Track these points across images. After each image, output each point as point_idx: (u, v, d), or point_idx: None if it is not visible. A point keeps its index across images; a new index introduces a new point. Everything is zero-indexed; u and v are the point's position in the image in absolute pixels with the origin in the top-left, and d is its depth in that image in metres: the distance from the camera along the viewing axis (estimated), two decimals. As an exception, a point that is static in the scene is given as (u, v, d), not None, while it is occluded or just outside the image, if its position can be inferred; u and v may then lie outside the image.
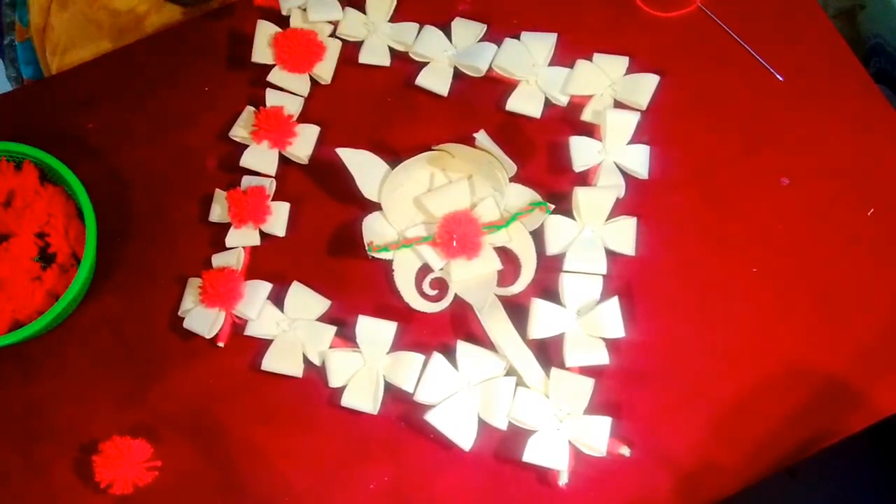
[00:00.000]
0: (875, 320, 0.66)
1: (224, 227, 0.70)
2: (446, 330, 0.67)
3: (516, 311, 0.67)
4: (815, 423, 0.64)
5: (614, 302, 0.65)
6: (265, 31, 0.74)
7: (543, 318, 0.65)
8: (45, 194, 0.69)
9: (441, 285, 0.68)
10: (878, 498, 0.96)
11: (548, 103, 0.73)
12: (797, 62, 0.73)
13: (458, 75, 0.74)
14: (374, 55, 0.74)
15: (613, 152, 0.70)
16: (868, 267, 0.68)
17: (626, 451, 0.63)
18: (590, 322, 0.65)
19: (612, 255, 0.67)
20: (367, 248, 0.67)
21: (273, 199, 0.70)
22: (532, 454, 0.62)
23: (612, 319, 0.64)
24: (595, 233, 0.68)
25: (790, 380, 0.65)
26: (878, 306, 0.67)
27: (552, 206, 0.68)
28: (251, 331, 0.67)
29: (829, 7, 0.98)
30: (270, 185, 0.71)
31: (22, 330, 0.63)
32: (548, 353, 0.66)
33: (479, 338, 0.67)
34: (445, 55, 0.74)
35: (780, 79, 0.73)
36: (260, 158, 0.71)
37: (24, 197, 0.69)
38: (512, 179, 0.69)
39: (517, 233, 0.69)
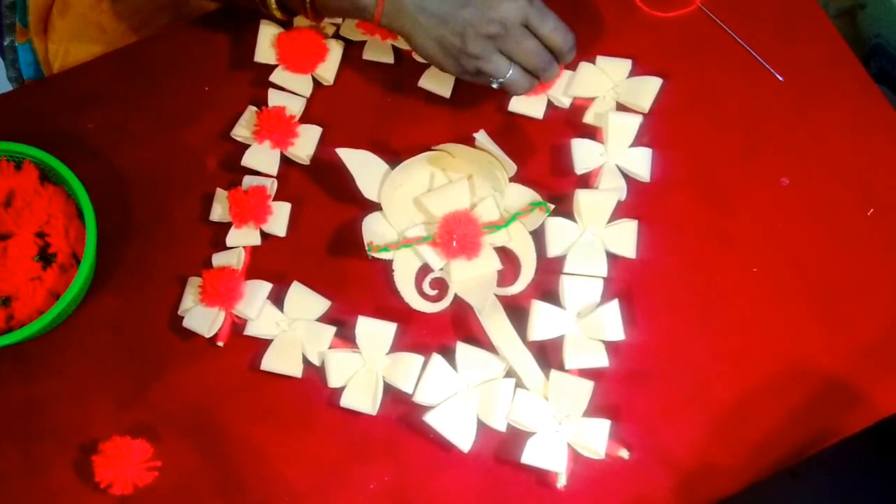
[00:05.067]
0: (875, 320, 0.66)
1: (225, 227, 0.70)
2: (446, 331, 0.67)
3: (516, 312, 0.67)
4: (815, 423, 0.64)
5: (614, 305, 0.65)
6: (268, 31, 0.74)
7: (543, 321, 0.65)
8: (45, 194, 0.69)
9: (441, 285, 0.68)
10: (879, 498, 0.97)
11: (550, 105, 0.72)
12: (797, 62, 0.73)
13: (460, 76, 0.74)
14: (379, 54, 0.74)
15: (615, 155, 0.70)
16: (868, 267, 0.68)
17: (624, 453, 0.63)
18: (590, 325, 0.65)
19: (612, 257, 0.67)
20: (366, 248, 0.67)
21: (274, 199, 0.70)
22: (531, 456, 0.62)
23: (612, 322, 0.64)
24: (596, 235, 0.67)
25: (790, 380, 0.65)
26: (878, 306, 0.67)
27: (552, 206, 0.68)
28: (251, 331, 0.67)
29: (829, 7, 0.98)
30: (272, 185, 0.70)
31: (22, 330, 0.63)
32: (547, 355, 0.66)
33: (478, 339, 0.67)
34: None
35: (780, 79, 0.73)
36: (261, 158, 0.71)
37: (24, 197, 0.69)
38: (513, 181, 0.69)
39: (517, 233, 0.69)
